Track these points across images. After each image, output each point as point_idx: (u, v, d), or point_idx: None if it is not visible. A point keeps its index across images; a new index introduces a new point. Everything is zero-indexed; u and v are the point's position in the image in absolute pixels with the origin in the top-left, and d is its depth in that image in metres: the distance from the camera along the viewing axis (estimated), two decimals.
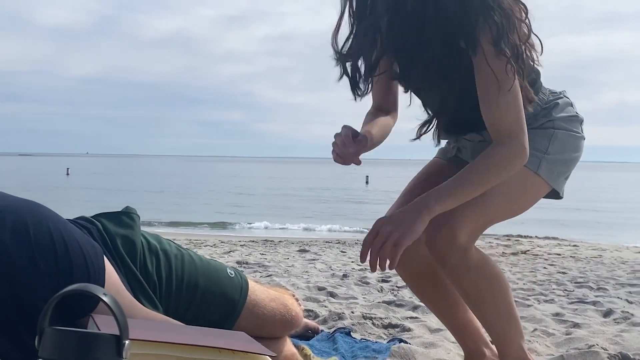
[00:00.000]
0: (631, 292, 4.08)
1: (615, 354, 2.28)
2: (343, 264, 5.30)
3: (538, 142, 1.64)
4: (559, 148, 1.67)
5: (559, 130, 1.68)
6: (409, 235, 1.43)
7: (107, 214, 1.62)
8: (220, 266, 1.77)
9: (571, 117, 1.71)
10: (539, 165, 1.65)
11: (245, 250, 6.61)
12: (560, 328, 2.86)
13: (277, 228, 13.09)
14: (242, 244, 7.64)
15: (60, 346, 0.77)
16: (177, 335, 1.09)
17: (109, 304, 0.81)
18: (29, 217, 1.20)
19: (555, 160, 1.67)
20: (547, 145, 1.66)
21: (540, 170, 1.65)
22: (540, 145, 1.65)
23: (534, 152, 1.61)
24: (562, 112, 1.70)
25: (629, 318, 3.07)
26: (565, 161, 1.71)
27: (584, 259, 6.27)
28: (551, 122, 1.68)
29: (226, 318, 1.70)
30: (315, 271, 4.76)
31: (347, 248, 6.94)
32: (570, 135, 1.70)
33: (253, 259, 5.59)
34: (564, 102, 1.72)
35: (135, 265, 1.56)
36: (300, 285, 3.87)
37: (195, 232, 11.71)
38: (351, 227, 12.49)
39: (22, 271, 1.18)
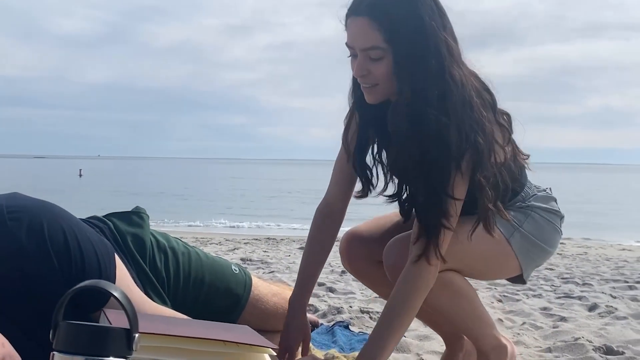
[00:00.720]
0: (615, 287, 4.08)
1: (600, 346, 2.28)
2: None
3: (513, 216, 1.58)
4: (533, 228, 1.61)
5: (535, 213, 1.62)
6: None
7: (117, 214, 1.62)
8: (225, 263, 1.77)
9: (552, 210, 1.66)
10: (512, 234, 1.58)
11: (248, 248, 6.60)
12: (548, 321, 2.85)
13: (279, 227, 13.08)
14: (245, 241, 7.63)
15: (73, 339, 0.78)
16: (185, 329, 1.09)
17: (119, 299, 0.81)
18: (44, 216, 1.20)
19: (528, 238, 1.60)
20: (523, 221, 1.61)
21: (512, 239, 1.58)
22: (516, 220, 1.59)
23: (510, 224, 1.57)
24: (543, 204, 1.65)
25: (612, 312, 3.07)
26: (537, 245, 1.63)
27: (570, 256, 6.27)
28: (529, 207, 1.63)
29: (231, 312, 1.70)
30: None
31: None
32: (547, 222, 1.64)
33: (256, 256, 5.58)
34: (547, 196, 1.68)
35: (145, 262, 1.56)
36: None
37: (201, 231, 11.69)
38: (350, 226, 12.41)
39: (37, 268, 1.18)
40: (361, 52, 1.45)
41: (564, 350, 2.26)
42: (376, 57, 1.43)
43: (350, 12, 1.46)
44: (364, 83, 1.49)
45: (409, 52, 1.41)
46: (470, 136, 1.42)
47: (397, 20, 1.40)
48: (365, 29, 1.42)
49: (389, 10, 1.40)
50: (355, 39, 1.45)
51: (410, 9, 1.41)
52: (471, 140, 1.42)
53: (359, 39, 1.44)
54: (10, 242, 1.16)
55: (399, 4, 1.41)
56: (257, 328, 1.33)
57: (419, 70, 1.42)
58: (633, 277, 4.61)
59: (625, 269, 5.22)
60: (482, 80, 1.52)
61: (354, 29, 1.45)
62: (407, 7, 1.41)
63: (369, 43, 1.42)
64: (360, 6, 1.43)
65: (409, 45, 1.41)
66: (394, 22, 1.40)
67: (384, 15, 1.40)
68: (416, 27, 1.41)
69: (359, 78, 1.49)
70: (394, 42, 1.41)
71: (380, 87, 1.48)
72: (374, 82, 1.47)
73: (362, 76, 1.47)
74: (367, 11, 1.41)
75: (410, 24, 1.41)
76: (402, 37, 1.40)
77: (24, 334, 1.16)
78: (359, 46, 1.44)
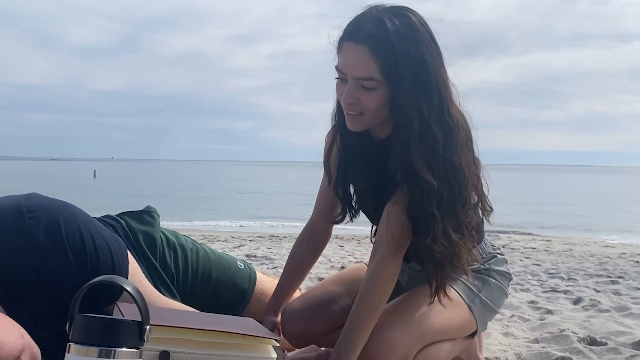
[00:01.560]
0: (598, 282, 4.08)
1: (584, 337, 2.28)
2: (341, 257, 5.30)
3: (472, 283, 1.55)
4: (490, 294, 1.57)
5: (492, 279, 1.59)
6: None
7: (130, 213, 1.62)
8: (231, 259, 1.77)
9: (505, 274, 1.63)
10: (474, 301, 1.53)
11: (253, 245, 6.60)
12: (535, 314, 2.85)
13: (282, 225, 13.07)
14: (250, 239, 7.64)
15: (88, 331, 0.78)
16: (193, 321, 1.09)
17: (132, 293, 0.81)
18: (61, 215, 1.20)
19: (486, 304, 1.57)
20: (481, 288, 1.56)
21: (474, 305, 1.53)
22: (475, 286, 1.55)
23: (471, 288, 1.54)
24: (499, 267, 1.62)
25: (596, 305, 3.07)
26: (492, 309, 1.59)
27: (556, 253, 6.27)
28: (487, 270, 1.59)
29: (236, 305, 1.70)
30: (316, 263, 4.76)
31: (345, 243, 6.92)
32: (500, 288, 1.61)
33: (260, 253, 5.58)
34: (502, 259, 1.64)
35: (155, 259, 1.56)
36: None
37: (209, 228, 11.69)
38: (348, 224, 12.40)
39: (55, 264, 1.18)
40: (354, 79, 1.34)
41: (550, 341, 2.26)
42: (369, 87, 1.33)
43: (347, 37, 1.35)
44: (350, 110, 1.38)
45: (412, 88, 1.30)
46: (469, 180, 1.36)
47: (399, 54, 1.29)
48: (363, 59, 1.31)
49: (391, 42, 1.29)
50: (350, 66, 1.34)
51: (412, 44, 1.30)
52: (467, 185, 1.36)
53: (355, 67, 1.33)
54: (29, 239, 1.16)
55: (400, 38, 1.30)
56: (261, 320, 1.33)
57: (424, 108, 1.31)
58: (615, 273, 4.61)
59: (608, 264, 5.22)
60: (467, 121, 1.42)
61: (351, 56, 1.33)
62: (409, 41, 1.30)
63: (365, 73, 1.31)
64: (360, 33, 1.32)
65: (412, 82, 1.30)
66: (395, 56, 1.29)
67: (384, 47, 1.29)
68: (419, 64, 1.30)
69: (346, 105, 1.38)
70: (393, 77, 1.30)
71: (366, 117, 1.38)
72: (360, 110, 1.37)
73: (350, 104, 1.37)
74: (368, 40, 1.30)
75: (413, 58, 1.30)
76: (404, 72, 1.30)
77: (41, 325, 1.16)
78: (353, 74, 1.33)
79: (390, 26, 1.30)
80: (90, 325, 0.78)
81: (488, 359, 2.01)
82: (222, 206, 19.11)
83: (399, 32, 1.30)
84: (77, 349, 0.77)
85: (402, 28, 1.31)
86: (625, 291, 3.66)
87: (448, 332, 1.50)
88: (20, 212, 1.17)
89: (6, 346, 0.97)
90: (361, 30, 1.32)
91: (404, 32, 1.31)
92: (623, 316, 2.80)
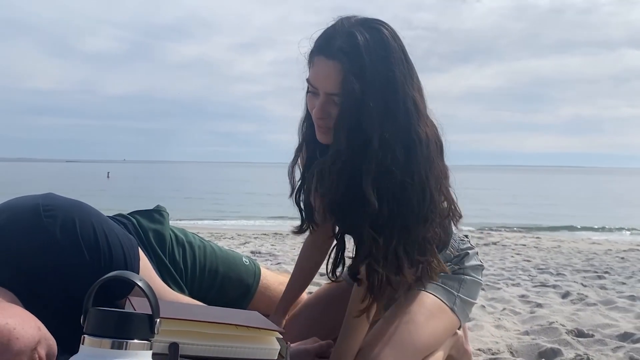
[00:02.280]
0: (585, 277, 4.07)
1: (572, 330, 2.28)
2: None
3: (451, 285, 1.54)
4: (467, 291, 1.57)
5: (467, 277, 1.58)
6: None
7: (140, 212, 1.62)
8: (237, 255, 1.77)
9: (478, 266, 1.62)
10: (455, 302, 1.52)
11: (258, 242, 6.60)
12: (525, 307, 2.85)
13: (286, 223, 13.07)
14: (255, 236, 7.63)
15: (102, 324, 0.78)
16: (200, 314, 1.09)
17: (143, 288, 0.81)
18: (76, 214, 1.20)
19: (465, 301, 1.56)
20: (459, 288, 1.55)
21: (455, 306, 1.52)
22: (453, 288, 1.54)
23: (450, 290, 1.53)
24: (471, 262, 1.60)
25: (583, 299, 3.07)
26: (470, 303, 1.59)
27: (545, 249, 6.27)
28: (462, 269, 1.58)
29: (242, 299, 1.70)
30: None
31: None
32: (475, 283, 1.60)
33: (265, 249, 5.58)
34: (473, 253, 1.62)
35: (165, 255, 1.56)
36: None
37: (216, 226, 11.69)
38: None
39: (70, 260, 1.18)
40: (325, 94, 1.27)
41: (540, 333, 2.26)
42: (340, 102, 1.25)
43: (319, 51, 1.27)
44: (322, 124, 1.31)
45: (377, 107, 1.22)
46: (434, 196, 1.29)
47: (367, 70, 1.22)
48: (334, 74, 1.23)
49: (362, 59, 1.22)
50: (321, 81, 1.27)
51: (383, 61, 1.23)
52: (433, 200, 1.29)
53: (326, 82, 1.25)
54: (46, 237, 1.16)
55: (371, 53, 1.22)
56: (265, 313, 1.33)
57: (387, 127, 1.23)
58: (602, 268, 4.60)
59: (595, 260, 5.22)
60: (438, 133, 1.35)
61: (322, 70, 1.26)
62: (379, 58, 1.23)
63: (336, 88, 1.24)
64: (332, 48, 1.24)
65: (378, 100, 1.22)
66: (364, 70, 1.22)
67: (355, 62, 1.22)
68: (387, 80, 1.23)
69: (317, 119, 1.31)
70: (362, 90, 1.22)
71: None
72: (331, 124, 1.29)
73: (321, 118, 1.30)
74: (340, 55, 1.23)
75: (382, 76, 1.23)
76: (374, 86, 1.22)
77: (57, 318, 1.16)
78: (324, 89, 1.26)
79: (361, 41, 1.23)
80: (104, 318, 0.78)
81: (481, 350, 2.01)
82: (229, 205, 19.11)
83: (369, 47, 1.23)
84: (91, 340, 0.77)
85: (373, 43, 1.24)
86: (611, 286, 3.66)
87: (439, 341, 1.50)
88: (38, 211, 1.17)
89: (24, 338, 0.97)
90: (333, 44, 1.24)
91: (374, 48, 1.23)
92: (609, 309, 2.80)
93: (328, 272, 1.42)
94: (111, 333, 0.76)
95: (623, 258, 5.44)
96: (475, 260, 1.64)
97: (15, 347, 0.95)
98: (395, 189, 1.25)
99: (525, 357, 1.95)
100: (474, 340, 2.13)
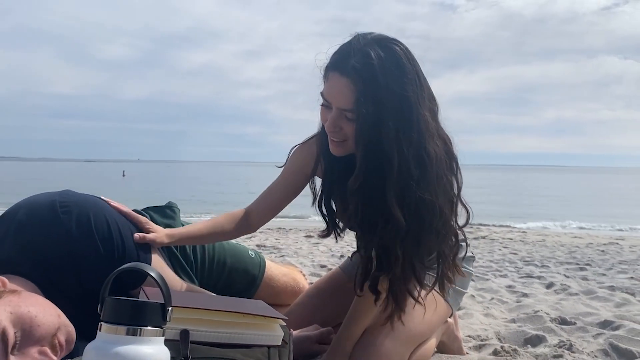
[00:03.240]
0: (568, 268, 4.07)
1: (556, 317, 2.28)
2: (340, 247, 5.29)
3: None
4: (459, 282, 1.55)
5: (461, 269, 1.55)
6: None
7: (153, 207, 1.62)
8: (243, 248, 1.77)
9: (470, 257, 1.61)
10: (449, 292, 1.52)
11: (263, 236, 6.60)
12: (512, 297, 2.85)
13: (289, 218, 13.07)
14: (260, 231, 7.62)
15: (118, 312, 0.78)
16: (210, 303, 1.09)
17: (156, 278, 0.81)
18: (91, 209, 1.20)
19: (457, 291, 1.56)
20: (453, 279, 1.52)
21: (448, 295, 1.52)
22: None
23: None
24: (464, 253, 1.57)
25: (566, 289, 3.07)
26: (462, 293, 1.59)
27: (531, 243, 6.26)
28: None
29: (248, 289, 1.70)
30: (318, 252, 4.75)
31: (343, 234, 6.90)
32: (467, 273, 1.58)
33: (269, 243, 5.58)
34: (465, 245, 1.59)
35: (176, 248, 1.56)
36: (307, 263, 3.87)
37: None
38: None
39: (86, 252, 1.18)
40: (337, 109, 1.24)
41: (526, 321, 2.25)
42: (352, 118, 1.22)
43: (333, 67, 1.24)
44: (334, 137, 1.29)
45: (394, 125, 1.20)
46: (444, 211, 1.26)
47: (382, 90, 1.18)
48: (347, 91, 1.20)
49: (376, 78, 1.18)
50: (334, 96, 1.24)
51: (396, 81, 1.19)
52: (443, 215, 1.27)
53: (339, 97, 1.22)
54: (62, 230, 1.16)
55: (386, 73, 1.19)
56: (270, 302, 1.33)
57: (404, 145, 1.20)
58: (583, 260, 4.60)
59: (577, 253, 5.21)
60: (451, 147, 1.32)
61: (335, 86, 1.22)
62: (393, 78, 1.19)
63: (349, 105, 1.21)
64: (347, 65, 1.20)
65: (393, 119, 1.19)
66: (379, 91, 1.18)
67: (369, 82, 1.18)
68: (401, 100, 1.19)
69: (329, 132, 1.29)
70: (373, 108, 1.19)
71: (349, 144, 1.28)
72: (344, 138, 1.27)
73: (333, 132, 1.28)
74: (353, 73, 1.19)
75: (395, 96, 1.19)
76: (385, 105, 1.19)
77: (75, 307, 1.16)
78: (337, 104, 1.23)
79: (375, 60, 1.19)
80: (119, 306, 0.78)
81: (471, 337, 2.01)
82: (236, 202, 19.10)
83: (383, 66, 1.19)
84: (107, 327, 0.77)
85: (387, 63, 1.20)
86: (592, 277, 3.65)
87: (432, 329, 1.50)
88: (54, 208, 1.17)
89: (45, 325, 0.97)
90: (347, 62, 1.21)
91: (389, 67, 1.19)
92: (590, 299, 2.80)
93: (355, 286, 1.36)
94: (126, 320, 0.76)
95: (603, 251, 5.43)
96: (467, 251, 1.63)
97: (37, 333, 0.95)
98: (413, 205, 1.23)
99: (512, 343, 1.95)
100: (464, 327, 2.12)
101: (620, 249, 5.66)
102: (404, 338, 1.40)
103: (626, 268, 4.15)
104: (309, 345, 1.53)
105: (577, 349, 1.80)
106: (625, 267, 4.23)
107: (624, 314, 2.39)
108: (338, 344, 1.40)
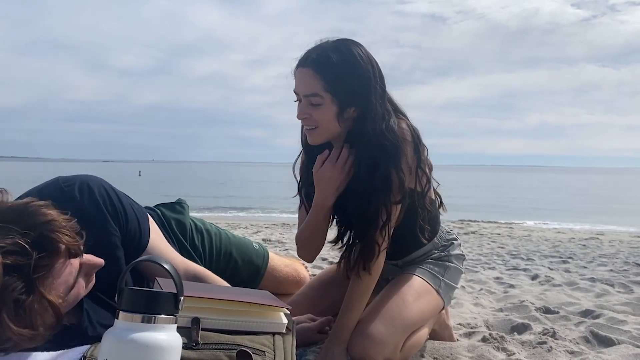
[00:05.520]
0: (552, 261, 4.06)
1: (540, 307, 2.27)
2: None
3: (437, 270, 1.55)
4: (451, 276, 1.57)
5: (451, 263, 1.59)
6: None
7: (164, 204, 1.62)
8: (248, 241, 1.77)
9: (460, 255, 1.63)
10: (440, 285, 1.53)
11: (268, 231, 6.60)
12: (500, 288, 2.85)
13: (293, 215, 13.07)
14: (266, 226, 7.64)
15: (134, 301, 0.78)
16: (218, 293, 1.09)
17: (169, 270, 0.81)
18: (90, 181, 1.23)
19: (448, 284, 1.57)
20: (444, 273, 1.56)
21: (440, 288, 1.53)
22: (439, 273, 1.55)
23: (436, 275, 1.53)
24: (456, 251, 1.61)
25: (550, 281, 3.07)
26: (453, 288, 1.59)
27: (517, 237, 6.26)
28: (447, 256, 1.59)
29: (253, 279, 1.70)
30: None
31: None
32: (457, 270, 1.60)
33: (274, 237, 5.58)
34: (457, 244, 1.63)
35: (186, 241, 1.56)
36: None
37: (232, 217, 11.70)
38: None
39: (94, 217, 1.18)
40: (304, 98, 1.34)
41: (512, 310, 2.25)
42: (316, 103, 1.33)
43: (298, 64, 1.36)
44: (306, 125, 1.39)
45: (349, 100, 1.32)
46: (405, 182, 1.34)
47: (337, 71, 1.30)
48: (308, 79, 1.32)
49: (331, 63, 1.30)
50: (299, 86, 1.34)
51: (350, 64, 1.31)
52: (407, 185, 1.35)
53: (302, 86, 1.33)
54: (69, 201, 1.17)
55: (340, 59, 1.31)
56: (274, 292, 1.33)
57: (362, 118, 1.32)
58: (566, 254, 4.59)
59: (560, 247, 5.21)
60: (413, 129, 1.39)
61: (300, 77, 1.34)
62: (347, 62, 1.31)
63: (311, 90, 1.32)
64: (307, 60, 1.33)
65: (349, 94, 1.31)
66: (334, 73, 1.30)
67: (325, 67, 1.30)
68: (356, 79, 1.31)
69: (301, 120, 1.39)
70: (334, 91, 1.31)
71: (320, 130, 1.36)
72: (314, 124, 1.36)
73: (303, 119, 1.37)
74: (312, 64, 1.32)
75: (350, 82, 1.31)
76: (343, 87, 1.31)
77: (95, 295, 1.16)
78: (302, 92, 1.34)
79: (331, 50, 1.32)
80: (136, 296, 0.78)
81: (461, 325, 2.01)
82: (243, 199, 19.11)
83: (340, 53, 1.31)
84: (124, 315, 0.77)
85: (343, 50, 1.32)
86: (574, 269, 3.65)
87: (425, 319, 1.51)
88: (58, 185, 1.20)
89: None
90: (308, 57, 1.34)
91: (345, 53, 1.31)
92: (572, 290, 2.79)
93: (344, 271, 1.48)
94: (142, 309, 0.76)
95: (585, 245, 5.43)
96: (458, 250, 1.64)
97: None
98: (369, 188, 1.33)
99: (500, 330, 1.95)
100: (455, 316, 2.12)
101: (600, 244, 5.65)
102: (399, 326, 1.40)
103: (606, 261, 4.14)
104: (310, 334, 1.54)
105: (560, 336, 1.80)
106: (605, 260, 4.23)
107: (603, 303, 2.39)
108: (336, 332, 1.41)
